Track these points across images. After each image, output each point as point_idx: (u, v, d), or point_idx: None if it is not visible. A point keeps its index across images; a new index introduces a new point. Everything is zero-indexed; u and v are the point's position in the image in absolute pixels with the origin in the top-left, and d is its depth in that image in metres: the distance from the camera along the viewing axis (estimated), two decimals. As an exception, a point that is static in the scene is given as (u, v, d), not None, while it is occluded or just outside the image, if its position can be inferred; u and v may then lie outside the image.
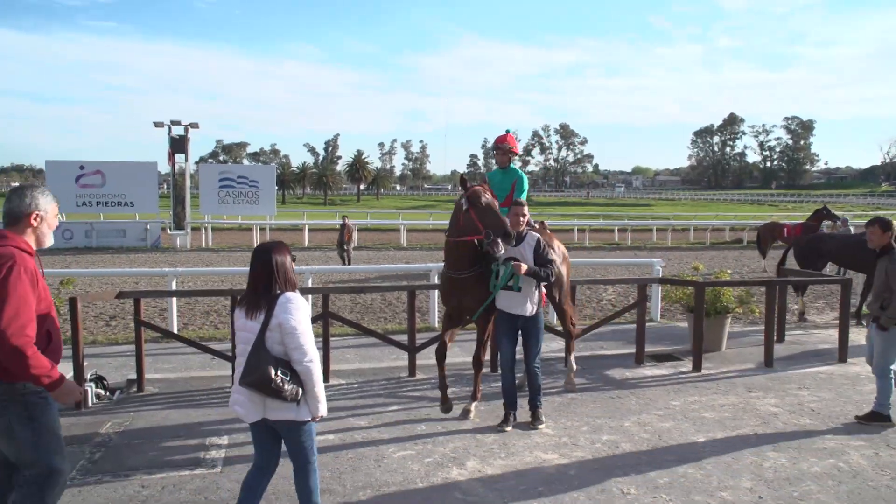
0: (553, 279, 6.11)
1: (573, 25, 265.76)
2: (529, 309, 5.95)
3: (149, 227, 28.74)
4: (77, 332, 6.56)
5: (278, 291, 3.62)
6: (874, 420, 6.11)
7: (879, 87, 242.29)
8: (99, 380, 6.93)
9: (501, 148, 7.11)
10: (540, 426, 5.97)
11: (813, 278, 10.56)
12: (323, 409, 3.66)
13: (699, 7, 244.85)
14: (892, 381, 6.12)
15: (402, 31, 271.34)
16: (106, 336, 10.27)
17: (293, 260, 3.79)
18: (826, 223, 19.00)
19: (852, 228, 18.56)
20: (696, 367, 8.06)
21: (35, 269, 3.33)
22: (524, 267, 5.75)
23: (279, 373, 3.49)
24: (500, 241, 5.57)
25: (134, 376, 7.27)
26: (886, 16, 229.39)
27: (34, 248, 3.44)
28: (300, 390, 3.56)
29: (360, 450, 5.45)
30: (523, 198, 6.75)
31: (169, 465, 5.13)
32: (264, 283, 3.63)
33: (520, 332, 6.03)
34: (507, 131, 7.12)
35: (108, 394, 6.91)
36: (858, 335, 9.82)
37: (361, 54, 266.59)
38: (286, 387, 3.49)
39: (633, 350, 8.66)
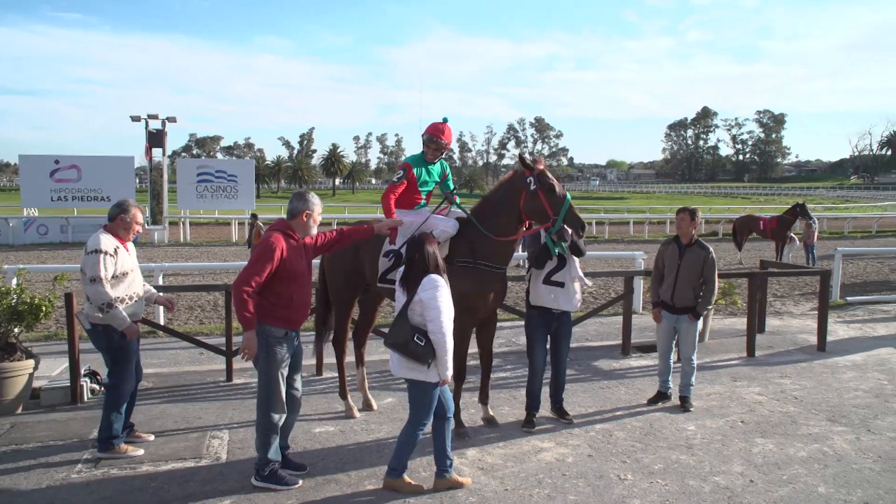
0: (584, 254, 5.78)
1: (545, 19, 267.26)
2: (574, 304, 5.83)
3: (125, 221, 28.41)
4: (73, 327, 6.55)
5: (428, 273, 4.40)
6: (686, 403, 6.41)
7: (849, 80, 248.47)
8: (93, 375, 6.93)
9: (438, 143, 5.87)
10: (572, 419, 6.01)
11: (791, 271, 10.84)
12: (449, 374, 4.41)
13: (669, 1, 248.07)
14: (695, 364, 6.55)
15: (375, 23, 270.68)
16: (92, 332, 10.21)
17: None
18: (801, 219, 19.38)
19: (816, 224, 18.98)
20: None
21: (287, 247, 4.51)
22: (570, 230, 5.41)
23: (416, 338, 4.29)
24: (570, 231, 5.31)
25: (127, 371, 7.25)
26: (855, 10, 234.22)
27: (299, 234, 4.65)
28: (432, 355, 4.31)
29: (361, 440, 5.54)
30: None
31: (174, 457, 5.17)
32: (417, 266, 4.43)
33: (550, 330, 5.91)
34: (445, 120, 5.95)
35: (102, 389, 6.91)
36: (835, 325, 10.11)
37: (334, 47, 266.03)
38: (419, 350, 4.28)
39: (618, 341, 8.85)
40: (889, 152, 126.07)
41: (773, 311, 11.66)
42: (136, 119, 28.10)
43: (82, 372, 6.73)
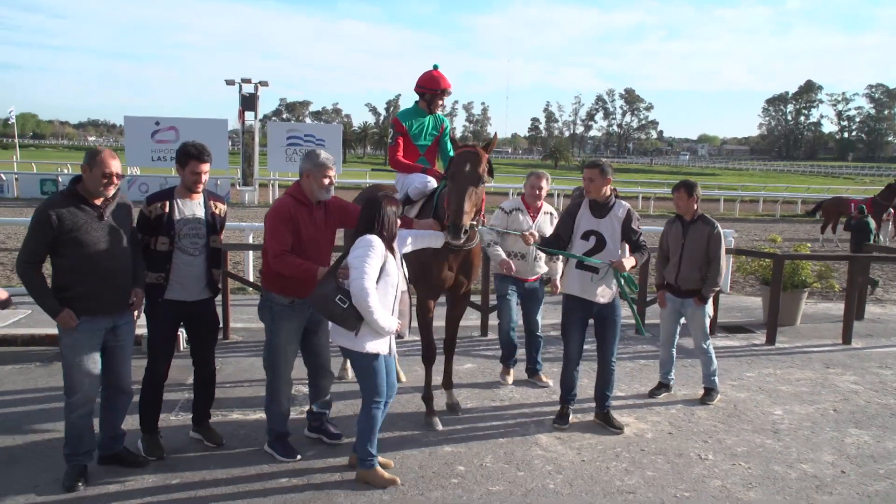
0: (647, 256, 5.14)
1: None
2: (609, 294, 5.10)
3: (219, 182, 29.51)
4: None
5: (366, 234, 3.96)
6: (710, 395, 5.99)
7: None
8: (188, 326, 7.27)
9: (439, 91, 5.62)
10: (617, 430, 5.20)
11: (897, 255, 10.23)
12: (388, 327, 3.92)
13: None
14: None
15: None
16: (187, 285, 10.69)
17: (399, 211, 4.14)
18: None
19: None
20: (770, 340, 7.96)
21: (295, 211, 4.32)
22: (627, 263, 4.88)
23: (338, 298, 3.86)
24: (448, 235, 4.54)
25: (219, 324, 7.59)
26: None
27: (309, 198, 4.36)
28: (358, 321, 3.89)
29: (439, 403, 5.61)
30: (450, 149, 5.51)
31: (261, 407, 5.38)
32: (363, 224, 4.01)
33: (593, 321, 5.21)
34: (435, 66, 5.68)
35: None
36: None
37: (419, 15, 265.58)
38: (338, 311, 3.85)
39: (704, 320, 8.58)
40: None
41: (874, 298, 11.04)
42: (230, 83, 28.91)
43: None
